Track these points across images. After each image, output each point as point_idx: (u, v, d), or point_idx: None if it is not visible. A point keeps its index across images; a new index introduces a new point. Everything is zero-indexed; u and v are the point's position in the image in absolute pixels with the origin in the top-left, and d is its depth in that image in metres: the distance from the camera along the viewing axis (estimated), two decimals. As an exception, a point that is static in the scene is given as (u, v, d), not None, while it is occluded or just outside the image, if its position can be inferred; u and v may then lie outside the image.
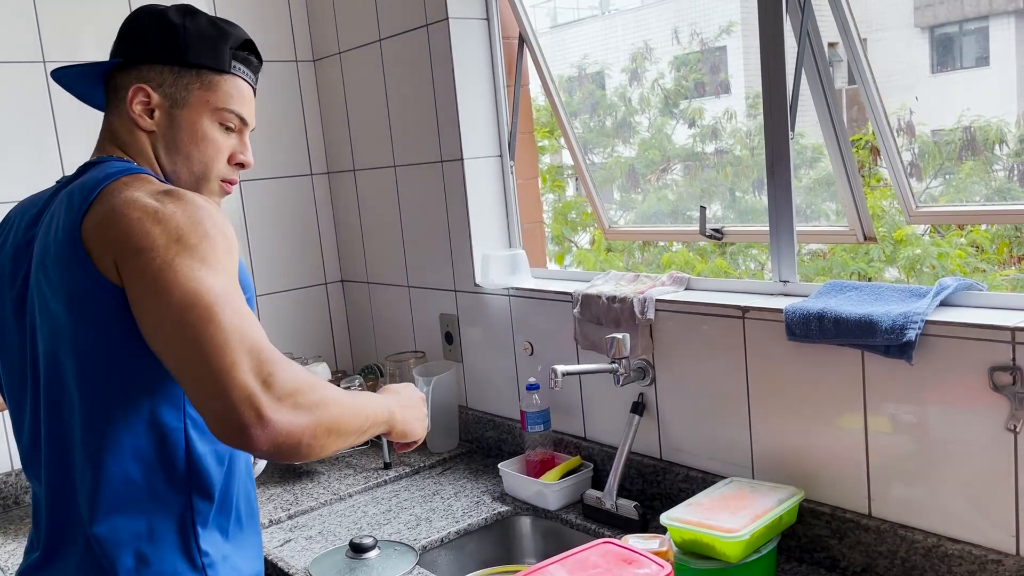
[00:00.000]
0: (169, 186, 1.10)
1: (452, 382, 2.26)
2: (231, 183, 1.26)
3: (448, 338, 2.34)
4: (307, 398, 0.96)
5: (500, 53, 2.19)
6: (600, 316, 1.88)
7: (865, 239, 1.77)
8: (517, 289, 2.11)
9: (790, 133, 1.61)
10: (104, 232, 1.03)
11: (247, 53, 1.24)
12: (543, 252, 2.39)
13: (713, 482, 1.63)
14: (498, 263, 2.15)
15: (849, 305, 1.45)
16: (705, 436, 1.72)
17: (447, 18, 2.12)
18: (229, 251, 1.04)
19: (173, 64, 1.17)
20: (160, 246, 0.99)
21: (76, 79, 1.23)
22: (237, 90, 1.22)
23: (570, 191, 6.15)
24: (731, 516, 1.42)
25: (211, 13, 1.32)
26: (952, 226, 4.86)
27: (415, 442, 1.25)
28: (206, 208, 1.05)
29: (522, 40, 2.20)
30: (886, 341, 1.36)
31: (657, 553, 1.34)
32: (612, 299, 1.84)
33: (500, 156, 2.24)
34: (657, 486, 1.81)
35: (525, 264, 2.16)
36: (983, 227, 4.91)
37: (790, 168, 1.62)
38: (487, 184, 2.22)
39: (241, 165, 1.25)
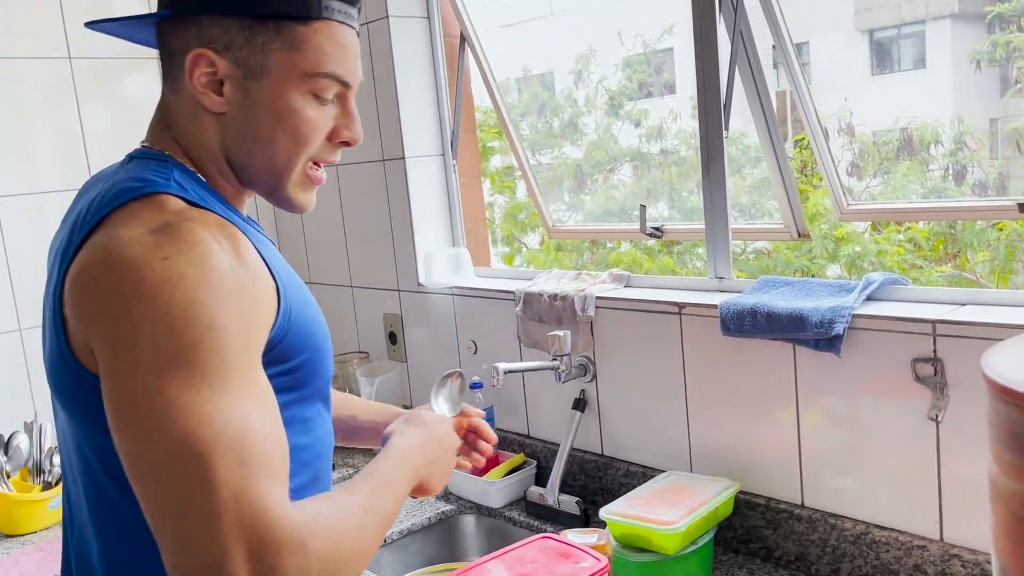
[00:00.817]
0: (169, 219, 0.80)
1: (397, 382, 2.25)
2: (321, 166, 0.95)
3: (392, 338, 2.34)
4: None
5: (441, 52, 2.19)
6: (542, 314, 1.89)
7: (799, 236, 1.81)
8: (460, 288, 2.11)
9: (724, 133, 1.64)
10: (78, 299, 0.79)
11: None
12: (487, 251, 2.40)
13: (653, 476, 1.65)
14: (441, 262, 2.15)
15: (781, 300, 1.48)
16: (645, 431, 1.74)
17: (387, 16, 2.12)
18: (243, 323, 0.78)
19: (242, 15, 0.86)
20: (143, 342, 0.73)
21: (118, 31, 0.96)
22: (333, 41, 0.89)
23: (521, 192, 6.18)
24: (668, 509, 1.44)
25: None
26: (892, 224, 5.00)
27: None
28: (211, 262, 0.77)
29: (464, 40, 2.20)
30: (816, 335, 1.39)
31: (595, 547, 1.35)
32: (554, 297, 1.85)
33: (443, 155, 2.24)
34: (599, 481, 1.83)
35: (468, 263, 2.17)
36: (921, 225, 5.06)
37: (724, 167, 1.65)
38: (430, 183, 2.22)
39: (346, 143, 0.95)
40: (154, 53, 0.96)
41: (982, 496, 0.83)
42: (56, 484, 1.95)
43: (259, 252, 0.85)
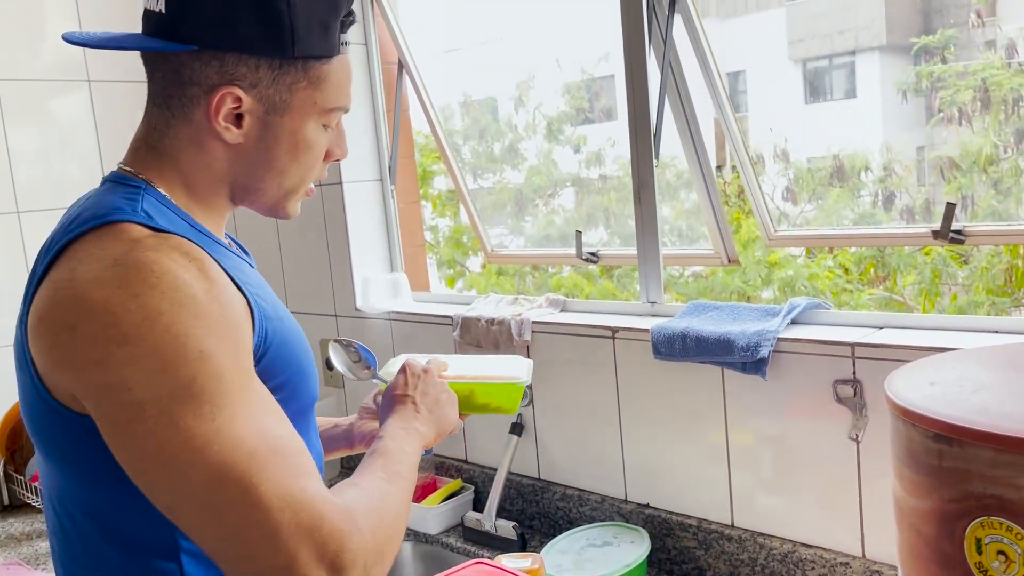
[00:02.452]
0: (126, 249, 0.78)
1: (333, 408, 2.23)
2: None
3: (328, 364, 2.31)
4: (376, 549, 0.79)
5: (379, 78, 2.20)
6: (480, 338, 1.90)
7: (729, 262, 1.86)
8: (398, 313, 2.11)
9: (654, 161, 1.69)
10: (50, 344, 0.77)
11: (350, 15, 0.94)
12: (426, 276, 2.40)
13: (590, 500, 1.67)
14: (379, 287, 2.15)
15: (710, 324, 1.52)
16: (580, 454, 1.76)
17: (325, 43, 2.12)
18: (230, 342, 0.78)
19: (272, 56, 0.86)
20: (139, 384, 0.73)
21: (107, 44, 0.90)
22: (344, 73, 0.93)
23: (464, 215, 6.20)
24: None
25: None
26: (824, 249, 5.15)
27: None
28: (182, 291, 0.76)
29: (401, 66, 2.22)
30: (742, 358, 1.43)
31: (528, 571, 1.36)
32: (491, 321, 1.87)
33: (380, 180, 2.24)
34: (536, 505, 1.83)
35: (406, 287, 2.17)
36: (852, 249, 5.22)
37: (655, 194, 1.69)
38: (368, 208, 2.22)
39: (336, 160, 1.00)
40: (82, 76, 0.93)
41: (892, 513, 0.86)
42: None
43: (227, 271, 0.84)
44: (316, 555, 0.73)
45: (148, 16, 0.88)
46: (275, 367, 0.88)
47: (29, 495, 1.94)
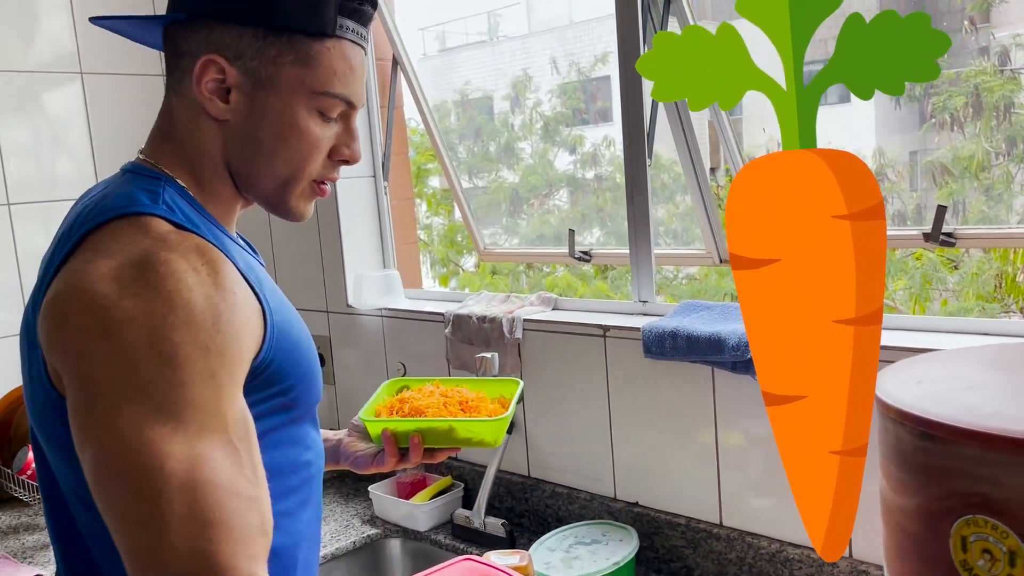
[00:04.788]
0: (148, 247, 0.78)
1: (324, 405, 2.23)
2: (327, 182, 0.95)
3: (321, 360, 2.31)
4: None
5: (373, 74, 2.20)
6: (471, 336, 1.90)
7: (721, 262, 1.86)
8: (390, 310, 2.11)
9: (647, 161, 1.69)
10: (48, 329, 0.78)
11: (358, 1, 0.90)
12: (418, 273, 2.40)
13: (579, 498, 1.67)
14: (371, 284, 2.14)
15: (701, 324, 1.52)
16: (570, 452, 1.76)
17: (320, 38, 2.12)
18: (213, 354, 0.76)
19: (257, 26, 0.85)
20: (104, 378, 0.73)
21: (122, 28, 0.94)
22: (343, 60, 0.89)
23: (459, 214, 6.20)
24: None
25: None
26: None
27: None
28: (181, 296, 0.76)
29: (396, 63, 2.22)
30: (733, 357, 1.43)
31: (517, 568, 1.36)
32: (483, 319, 1.87)
33: (373, 176, 2.24)
34: (525, 503, 1.83)
35: (399, 284, 2.17)
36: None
37: (647, 194, 1.69)
38: (360, 204, 2.22)
39: (345, 161, 0.95)
40: (75, 69, 0.94)
41: (879, 512, 0.87)
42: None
43: (242, 273, 0.83)
44: None
45: None
46: (283, 372, 0.88)
47: (17, 489, 1.93)
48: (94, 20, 0.92)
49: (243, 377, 0.81)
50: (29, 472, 1.88)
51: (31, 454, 1.88)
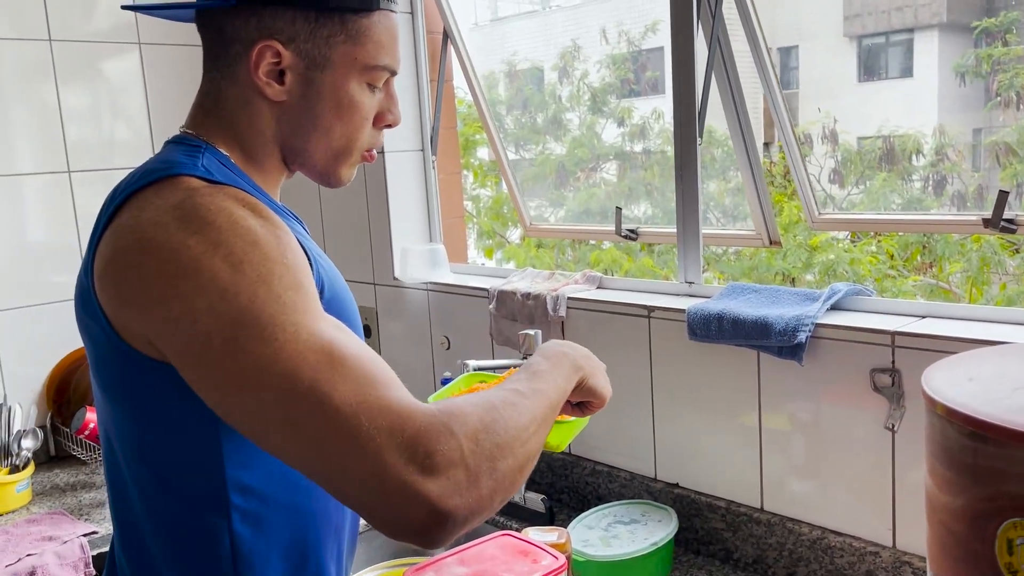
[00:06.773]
0: (184, 195, 0.81)
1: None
2: (374, 149, 1.00)
3: (367, 331, 2.34)
4: (480, 454, 0.73)
5: (424, 48, 2.20)
6: (515, 312, 1.91)
7: (771, 243, 1.83)
8: (436, 284, 2.12)
9: (698, 139, 1.66)
10: (116, 284, 0.80)
11: None
12: (464, 248, 2.41)
13: (619, 476, 1.68)
14: (417, 257, 2.16)
15: (747, 307, 1.50)
16: (611, 431, 1.76)
17: (371, 10, 2.12)
18: (291, 269, 0.79)
19: (308, 8, 0.88)
20: (202, 315, 0.74)
21: (158, 11, 0.96)
22: (388, 33, 0.93)
23: (505, 186, 6.19)
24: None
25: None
26: (869, 233, 5.05)
27: (602, 404, 1.03)
28: (239, 224, 0.79)
29: (446, 35, 2.21)
30: (779, 342, 1.42)
31: (554, 545, 1.37)
32: (527, 296, 1.87)
33: (422, 150, 2.24)
34: (565, 479, 1.85)
35: (444, 259, 2.18)
36: (898, 235, 5.11)
37: (697, 173, 1.67)
38: (408, 178, 2.23)
39: (388, 126, 0.99)
40: (133, 39, 0.95)
41: (924, 507, 0.85)
42: (24, 467, 1.95)
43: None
44: (404, 458, 0.69)
45: None
46: None
47: (74, 447, 2.00)
48: (126, 7, 0.94)
49: (316, 288, 0.82)
50: (87, 432, 1.95)
51: (89, 414, 1.95)
